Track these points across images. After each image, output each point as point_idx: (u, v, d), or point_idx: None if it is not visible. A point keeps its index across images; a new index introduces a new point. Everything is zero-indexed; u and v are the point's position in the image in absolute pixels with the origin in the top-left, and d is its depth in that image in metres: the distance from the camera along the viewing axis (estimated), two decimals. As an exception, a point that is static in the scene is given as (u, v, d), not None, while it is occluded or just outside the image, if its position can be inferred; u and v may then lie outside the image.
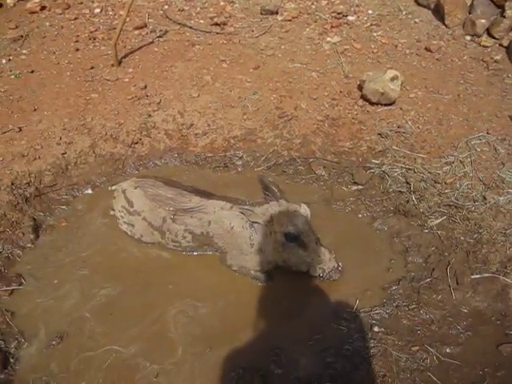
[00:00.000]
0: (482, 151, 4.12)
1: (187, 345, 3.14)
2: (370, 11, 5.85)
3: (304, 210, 3.35)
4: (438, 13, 5.53)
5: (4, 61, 5.34)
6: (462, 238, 3.63)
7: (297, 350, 3.10)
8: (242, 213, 3.41)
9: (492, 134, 4.22)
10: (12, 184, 4.07)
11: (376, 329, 3.18)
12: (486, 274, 3.39)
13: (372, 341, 3.11)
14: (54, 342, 3.19)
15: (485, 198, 3.81)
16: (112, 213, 3.95)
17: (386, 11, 5.83)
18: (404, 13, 5.77)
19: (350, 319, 3.25)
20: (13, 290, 3.50)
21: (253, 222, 3.37)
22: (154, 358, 3.07)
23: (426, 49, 5.17)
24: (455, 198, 3.84)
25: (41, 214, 4.06)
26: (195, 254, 3.70)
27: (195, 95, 4.83)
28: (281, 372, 3.01)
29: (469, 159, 4.07)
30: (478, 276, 3.40)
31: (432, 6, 5.64)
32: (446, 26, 5.43)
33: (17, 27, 5.89)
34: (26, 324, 3.30)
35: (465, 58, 5.06)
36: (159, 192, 3.71)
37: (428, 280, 3.44)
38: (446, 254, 3.57)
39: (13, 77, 5.09)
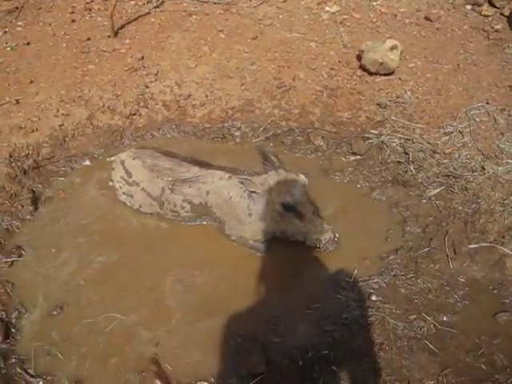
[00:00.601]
0: (482, 121, 4.03)
1: (184, 313, 3.10)
2: (366, -21, 5.64)
3: (302, 179, 3.27)
4: (439, -19, 5.33)
5: (0, 33, 5.16)
6: (460, 208, 3.56)
7: (295, 319, 3.06)
8: (241, 182, 3.33)
9: (491, 104, 4.12)
10: (10, 156, 3.98)
11: (374, 297, 3.14)
12: (484, 244, 3.34)
13: (370, 309, 3.07)
14: (54, 312, 3.14)
15: (483, 169, 3.72)
16: (110, 184, 3.88)
17: (383, -21, 5.62)
18: (402, -20, 5.56)
19: (347, 288, 3.20)
20: (12, 261, 3.43)
21: (251, 192, 3.30)
22: (152, 326, 3.02)
23: (425, 18, 5.01)
24: (453, 168, 3.76)
25: (39, 186, 3.97)
26: (193, 224, 3.62)
27: (192, 66, 4.70)
28: (279, 340, 2.97)
29: (468, 129, 3.98)
30: (475, 246, 3.34)
31: (431, -26, 5.44)
32: (446, -6, 5.25)
33: (12, -1, 5.69)
34: (26, 294, 3.25)
35: (465, 27, 4.91)
36: (157, 162, 3.63)
37: (426, 250, 3.38)
38: (444, 223, 3.51)
39: (9, 49, 4.94)
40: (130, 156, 3.73)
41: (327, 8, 5.26)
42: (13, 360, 2.91)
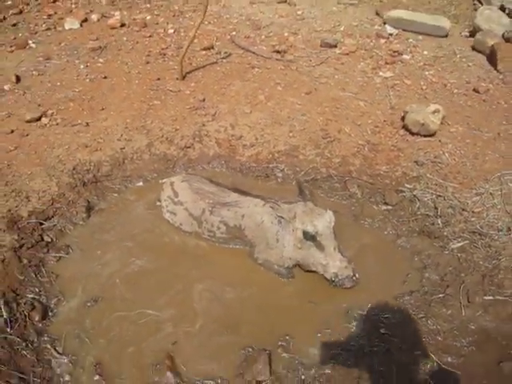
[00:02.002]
0: (514, 187, 4.42)
1: (207, 321, 3.60)
2: (425, 52, 6.32)
3: (329, 215, 3.77)
4: (492, 58, 5.92)
5: (82, 66, 6.20)
6: (481, 263, 3.91)
7: (305, 339, 3.48)
8: (271, 208, 3.89)
9: (527, 172, 4.50)
10: (73, 169, 4.77)
11: (382, 330, 3.51)
12: (500, 297, 3.65)
13: (376, 340, 3.44)
14: (88, 304, 3.73)
15: (509, 229, 4.09)
16: (158, 203, 4.54)
17: (442, 53, 6.28)
18: (458, 56, 6.19)
19: (359, 320, 3.60)
20: (60, 257, 4.11)
21: (279, 217, 3.83)
22: (177, 324, 3.55)
23: (474, 90, 5.55)
24: (480, 226, 4.15)
25: (95, 197, 4.70)
26: (227, 246, 4.17)
27: (248, 111, 5.43)
28: (287, 356, 3.39)
29: (499, 192, 4.37)
30: (490, 298, 3.66)
31: (487, 51, 6.04)
32: (498, 71, 5.80)
33: (97, 39, 6.81)
34: (67, 286, 3.89)
35: (511, 101, 5.38)
36: (203, 187, 4.29)
37: (441, 295, 3.73)
38: (463, 274, 3.86)
39: (88, 80, 5.91)
40: (180, 179, 4.43)
41: (381, 73, 5.93)
42: (45, 338, 3.50)
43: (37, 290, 3.82)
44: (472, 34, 6.47)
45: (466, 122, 5.14)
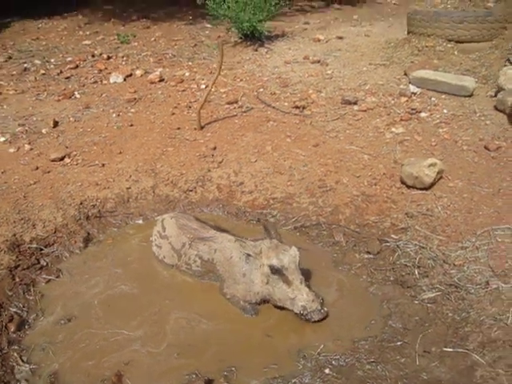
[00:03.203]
0: (503, 242, 4.44)
1: (173, 344, 3.93)
2: (444, 110, 6.52)
3: (293, 251, 4.05)
4: (511, 117, 6.01)
5: (114, 115, 6.99)
6: (450, 314, 3.96)
7: (250, 372, 3.68)
8: (240, 245, 4.22)
9: (519, 228, 4.52)
10: (81, 204, 5.38)
11: (327, 371, 3.63)
12: (460, 350, 3.67)
13: (318, 380, 3.57)
14: (62, 321, 4.18)
15: (488, 284, 4.11)
16: (151, 238, 5.00)
17: (461, 112, 6.44)
18: (478, 115, 6.33)
19: (308, 359, 3.75)
20: (50, 279, 4.63)
21: (246, 254, 4.14)
22: (145, 344, 3.93)
23: (484, 147, 5.64)
24: (457, 279, 4.21)
25: (95, 230, 5.26)
26: (203, 281, 4.51)
27: (253, 160, 5.87)
28: (226, 386, 3.60)
29: (485, 247, 4.42)
30: (450, 349, 3.69)
31: (507, 110, 6.14)
32: (516, 129, 5.88)
33: (135, 92, 7.65)
34: (49, 304, 4.38)
35: (523, 159, 5.43)
36: (188, 223, 4.73)
37: (398, 343, 3.81)
38: (427, 324, 3.92)
39: (115, 128, 6.66)
40: (170, 216, 4.91)
41: (393, 129, 6.19)
42: (15, 347, 3.94)
43: (21, 305, 4.34)
44: (497, 94, 6.60)
45: (468, 177, 5.24)
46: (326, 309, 4.00)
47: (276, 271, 3.97)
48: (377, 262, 4.63)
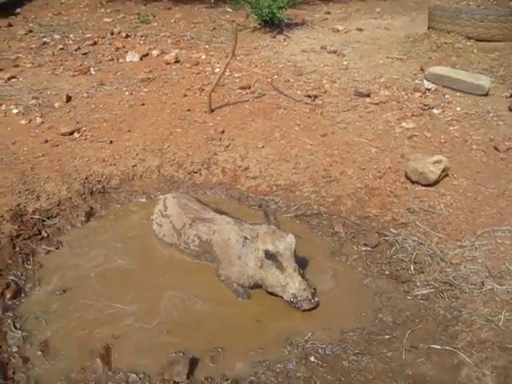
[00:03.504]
0: (502, 243, 4.40)
1: (165, 321, 3.97)
2: (458, 108, 6.44)
3: (290, 238, 4.04)
4: (525, 119, 5.93)
5: (127, 93, 7.03)
6: (441, 312, 3.95)
7: (236, 354, 3.70)
8: (238, 227, 4.23)
9: (521, 230, 4.47)
10: (86, 179, 5.44)
11: (312, 359, 3.64)
12: (448, 348, 3.66)
13: (303, 367, 3.58)
14: (57, 292, 4.23)
15: (483, 284, 4.08)
16: (152, 217, 5.03)
17: (474, 111, 6.36)
18: (491, 115, 6.25)
19: (295, 345, 3.76)
20: (50, 250, 4.70)
21: (244, 237, 4.16)
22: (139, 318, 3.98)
23: (494, 147, 5.57)
24: (453, 277, 4.19)
25: (98, 205, 5.31)
26: (199, 262, 4.54)
27: (260, 146, 5.87)
28: (212, 366, 3.63)
29: (484, 247, 4.38)
30: (437, 346, 3.68)
31: (521, 112, 6.06)
32: (528, 131, 5.79)
33: (150, 71, 7.68)
34: (46, 274, 4.45)
35: (531, 162, 5.35)
36: (189, 203, 4.78)
37: (386, 337, 3.81)
38: (417, 320, 3.91)
39: (127, 106, 6.69)
40: (172, 195, 4.97)
41: (403, 123, 6.14)
42: (9, 313, 4.01)
43: (19, 274, 4.41)
44: (512, 95, 6.51)
45: (474, 177, 5.18)
46: (316, 299, 3.99)
47: (270, 256, 3.98)
48: (374, 255, 4.62)
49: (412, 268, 4.37)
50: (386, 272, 4.44)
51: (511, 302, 3.89)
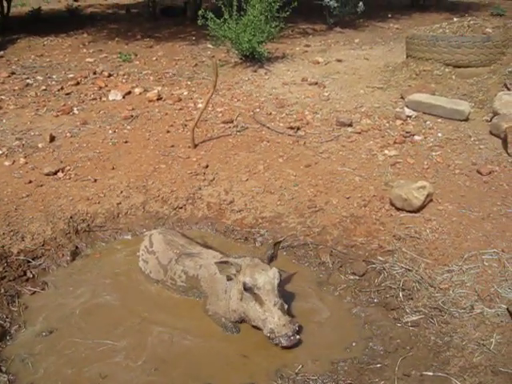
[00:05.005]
0: (490, 266, 4.43)
1: (151, 358, 3.94)
2: (439, 134, 6.56)
3: (273, 272, 4.03)
4: (505, 142, 6.04)
5: (110, 132, 7.08)
6: (432, 338, 3.94)
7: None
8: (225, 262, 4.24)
9: (507, 253, 4.50)
10: (71, 218, 5.43)
11: (304, 391, 3.62)
12: (440, 374, 3.65)
13: (291, 399, 3.56)
14: (44, 333, 4.20)
15: (472, 308, 4.10)
16: (138, 253, 5.02)
17: (456, 136, 6.48)
18: (472, 139, 6.37)
19: (285, 378, 3.73)
20: (35, 291, 4.66)
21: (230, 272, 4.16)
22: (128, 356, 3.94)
23: (477, 171, 5.66)
24: (442, 302, 4.20)
25: (83, 244, 5.31)
26: (186, 297, 4.52)
27: (244, 179, 5.91)
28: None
29: (472, 271, 4.41)
30: (430, 373, 3.67)
31: (502, 135, 6.17)
32: (509, 154, 5.90)
33: (133, 109, 7.75)
34: (31, 316, 4.41)
35: (514, 184, 5.43)
36: (175, 239, 4.81)
37: (378, 365, 3.79)
38: (409, 347, 3.91)
39: (110, 144, 6.74)
40: (158, 231, 4.99)
41: (386, 151, 6.23)
42: (-5, 357, 3.96)
43: (4, 316, 4.37)
44: (492, 119, 6.63)
45: (458, 201, 5.24)
46: (298, 336, 3.91)
47: (248, 289, 3.97)
48: (362, 284, 4.64)
49: (401, 295, 4.38)
50: (375, 300, 4.45)
51: (502, 325, 3.89)
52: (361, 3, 12.57)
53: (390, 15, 14.78)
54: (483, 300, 4.13)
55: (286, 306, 4.04)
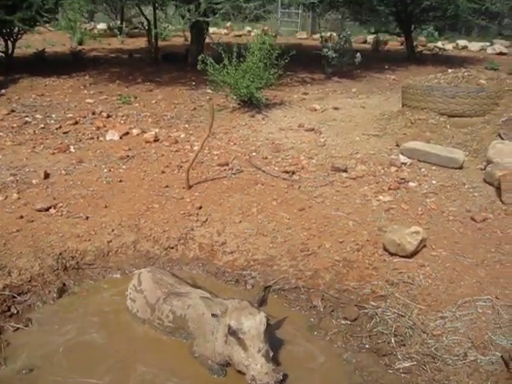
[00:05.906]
0: (483, 313, 4.38)
1: None
2: (433, 181, 6.61)
3: (260, 317, 3.92)
4: (499, 190, 6.08)
5: (105, 170, 7.11)
6: (424, 385, 3.86)
7: None
8: (214, 303, 4.18)
9: (501, 300, 4.46)
10: (60, 254, 5.39)
11: None
12: (431, 422, 3.56)
13: None
14: (24, 371, 4.09)
15: (466, 355, 4.03)
16: (126, 292, 4.96)
17: (450, 183, 6.53)
18: (466, 186, 6.42)
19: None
20: (18, 327, 4.57)
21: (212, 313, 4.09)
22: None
23: (471, 218, 5.67)
24: (435, 349, 4.13)
25: (71, 281, 5.25)
26: (173, 338, 4.43)
27: (237, 221, 5.91)
28: None
29: (466, 317, 4.36)
30: (421, 423, 3.57)
31: (496, 183, 6.22)
32: (503, 202, 5.93)
33: (129, 149, 7.82)
34: (13, 353, 4.30)
35: (508, 231, 5.43)
36: (164, 278, 4.76)
37: (367, 412, 3.70)
38: (400, 394, 3.82)
39: (105, 182, 6.75)
40: (147, 270, 4.95)
41: (380, 197, 6.26)
42: (-26, 396, 3.85)
43: (-15, 353, 4.25)
44: (486, 167, 6.70)
45: (452, 248, 5.23)
46: None
47: (232, 333, 3.88)
48: (353, 329, 4.57)
49: (393, 341, 4.31)
50: (367, 345, 4.38)
51: (496, 373, 3.84)
52: (358, 54, 12.92)
53: (386, 66, 15.16)
54: (477, 347, 4.07)
55: (271, 354, 3.89)
